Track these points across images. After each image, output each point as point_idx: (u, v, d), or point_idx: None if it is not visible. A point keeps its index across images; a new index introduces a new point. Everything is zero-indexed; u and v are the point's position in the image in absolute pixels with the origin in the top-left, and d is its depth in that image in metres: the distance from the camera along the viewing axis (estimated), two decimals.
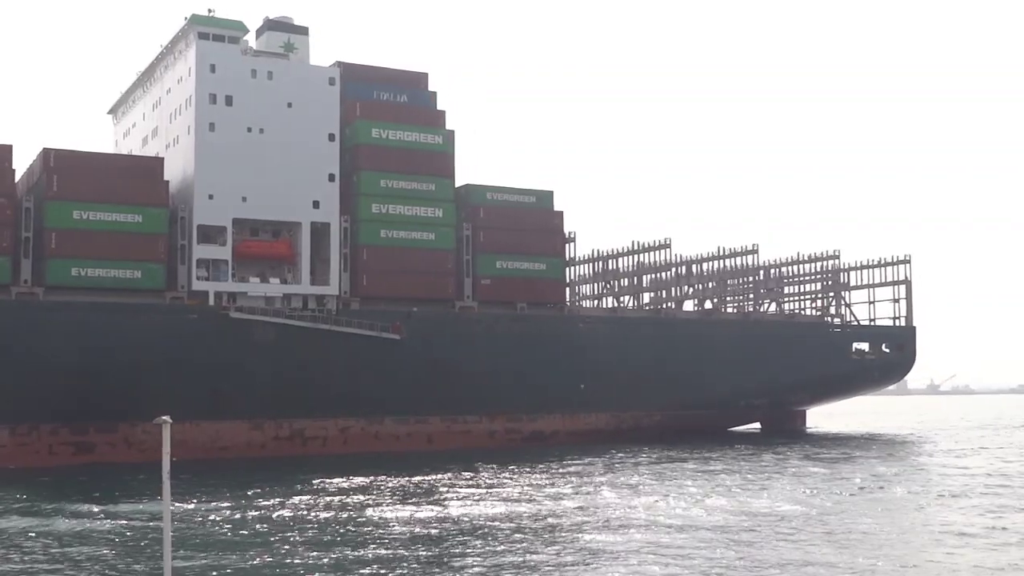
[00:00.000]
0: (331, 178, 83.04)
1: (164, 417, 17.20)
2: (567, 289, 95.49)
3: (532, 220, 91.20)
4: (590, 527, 40.85)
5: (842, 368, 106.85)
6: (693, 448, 79.83)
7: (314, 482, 57.02)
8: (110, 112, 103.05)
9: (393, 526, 41.53)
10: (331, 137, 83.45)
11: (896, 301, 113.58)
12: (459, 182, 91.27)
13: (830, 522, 41.59)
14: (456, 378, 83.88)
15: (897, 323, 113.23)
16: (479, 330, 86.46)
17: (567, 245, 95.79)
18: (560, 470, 64.75)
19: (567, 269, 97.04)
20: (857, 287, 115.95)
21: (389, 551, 35.79)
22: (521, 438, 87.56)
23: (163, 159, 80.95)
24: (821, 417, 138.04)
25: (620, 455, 74.98)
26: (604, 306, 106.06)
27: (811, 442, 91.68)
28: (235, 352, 76.07)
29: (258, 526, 41.86)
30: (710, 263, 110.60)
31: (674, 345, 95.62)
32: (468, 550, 35.96)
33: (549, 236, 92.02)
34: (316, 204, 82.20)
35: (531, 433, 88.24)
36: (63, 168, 74.62)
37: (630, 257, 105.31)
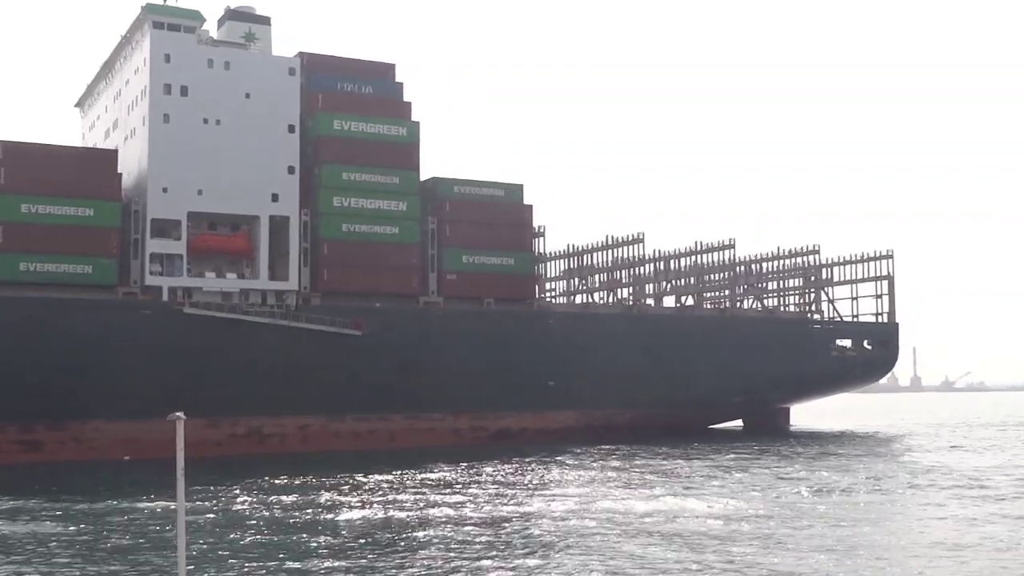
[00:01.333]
0: (291, 170, 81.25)
1: (178, 413, 17.08)
2: (536, 284, 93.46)
3: (500, 214, 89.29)
4: (536, 528, 39.55)
5: (823, 365, 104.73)
6: (661, 446, 78.02)
7: (263, 481, 55.31)
8: (77, 105, 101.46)
9: (343, 527, 40.18)
10: (291, 129, 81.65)
11: (879, 297, 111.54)
12: (429, 175, 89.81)
13: (743, 527, 39.74)
14: (420, 375, 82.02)
15: (880, 319, 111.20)
16: (444, 326, 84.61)
17: (537, 239, 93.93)
18: (519, 468, 63.12)
19: (538, 264, 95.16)
20: (840, 283, 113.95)
21: (337, 554, 34.52)
22: (487, 436, 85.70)
23: (116, 151, 79.35)
24: (813, 415, 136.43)
25: (581, 452, 73.31)
26: (578, 302, 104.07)
27: (789, 440, 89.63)
28: (189, 348, 74.33)
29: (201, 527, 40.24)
30: (687, 258, 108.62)
31: (647, 342, 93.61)
32: (414, 552, 34.85)
33: (518, 230, 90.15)
34: (275, 197, 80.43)
35: (498, 431, 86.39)
36: (12, 160, 72.89)
37: (604, 252, 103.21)
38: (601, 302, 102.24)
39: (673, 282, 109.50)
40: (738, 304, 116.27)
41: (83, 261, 73.15)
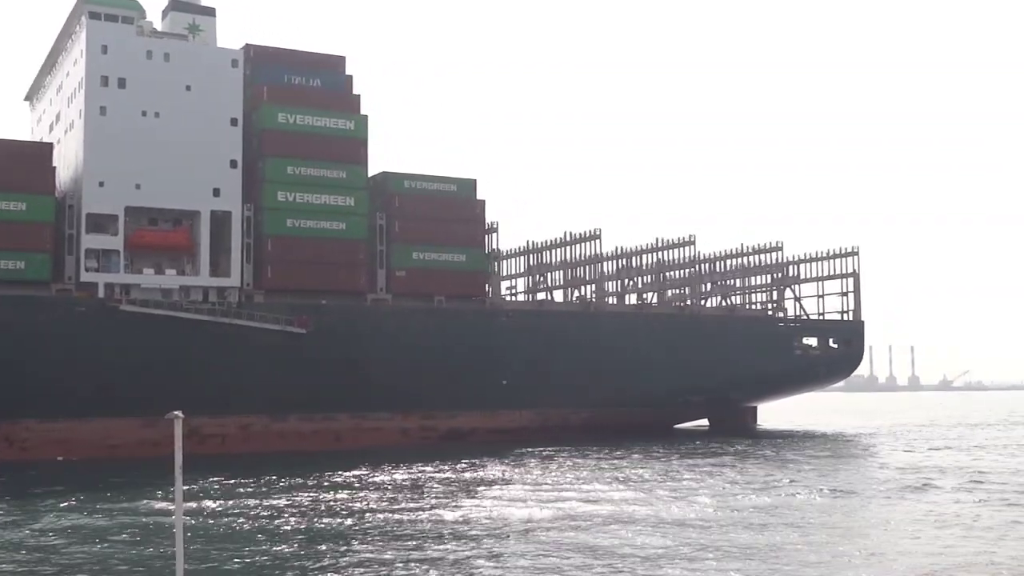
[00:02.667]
0: (233, 164, 79.41)
1: (176, 412, 16.96)
2: (489, 281, 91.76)
3: (452, 209, 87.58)
4: (473, 530, 38.27)
5: (786, 364, 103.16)
6: (613, 447, 76.32)
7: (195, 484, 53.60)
8: (27, 99, 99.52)
9: (275, 529, 38.85)
10: (233, 122, 79.81)
11: (844, 295, 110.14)
12: (380, 170, 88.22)
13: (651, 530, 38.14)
14: (367, 374, 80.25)
15: (846, 317, 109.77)
16: (392, 324, 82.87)
17: (491, 236, 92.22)
18: (460, 469, 61.45)
19: (492, 261, 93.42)
20: (806, 280, 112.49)
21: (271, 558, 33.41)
22: (437, 436, 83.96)
23: (51, 144, 77.64)
24: (796, 414, 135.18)
25: (524, 453, 71.66)
26: (538, 299, 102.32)
27: (747, 440, 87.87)
28: (125, 346, 72.54)
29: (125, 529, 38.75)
30: (648, 255, 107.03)
31: (604, 340, 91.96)
32: (347, 553, 33.82)
33: (470, 226, 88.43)
34: (216, 192, 78.61)
35: (448, 431, 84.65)
36: None
37: (562, 249, 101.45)
38: (554, 300, 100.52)
39: (635, 280, 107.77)
40: (702, 302, 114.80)
41: (15, 257, 71.28)
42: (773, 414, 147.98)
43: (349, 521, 40.83)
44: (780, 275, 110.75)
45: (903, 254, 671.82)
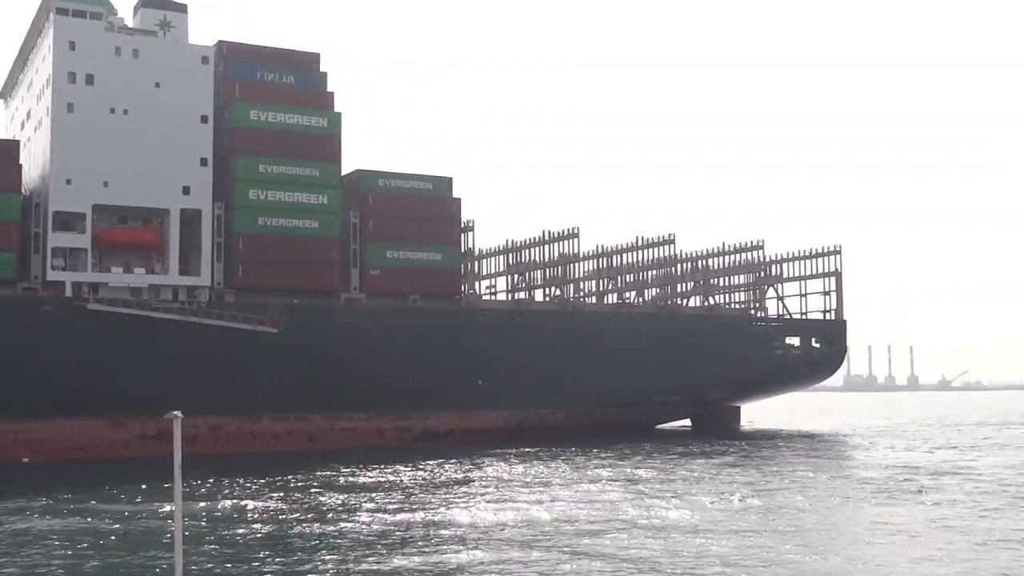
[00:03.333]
0: (203, 162, 78.49)
1: (175, 412, 17.12)
2: (465, 280, 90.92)
3: (427, 207, 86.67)
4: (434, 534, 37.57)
5: (766, 364, 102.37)
6: (589, 447, 75.56)
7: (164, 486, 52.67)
8: (0, 96, 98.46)
9: (248, 533, 38.26)
10: (204, 119, 78.87)
11: (827, 294, 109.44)
12: (357, 167, 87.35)
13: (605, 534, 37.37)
14: (341, 374, 79.32)
15: (828, 317, 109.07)
16: (367, 323, 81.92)
17: (467, 234, 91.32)
18: (436, 470, 60.63)
19: (468, 259, 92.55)
20: (789, 279, 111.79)
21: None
22: (412, 437, 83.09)
23: (17, 141, 76.74)
24: (782, 414, 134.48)
25: (498, 454, 70.89)
26: (519, 299, 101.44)
27: (726, 440, 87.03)
28: (93, 346, 71.56)
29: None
30: (628, 254, 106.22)
31: (582, 339, 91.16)
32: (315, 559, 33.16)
33: (445, 224, 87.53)
34: (186, 190, 77.66)
35: (423, 432, 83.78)
36: None
37: (542, 248, 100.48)
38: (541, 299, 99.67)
39: (615, 279, 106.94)
40: (684, 301, 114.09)
41: None
42: (759, 414, 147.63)
43: (317, 526, 40.00)
44: (762, 274, 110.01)
45: (902, 254, 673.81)
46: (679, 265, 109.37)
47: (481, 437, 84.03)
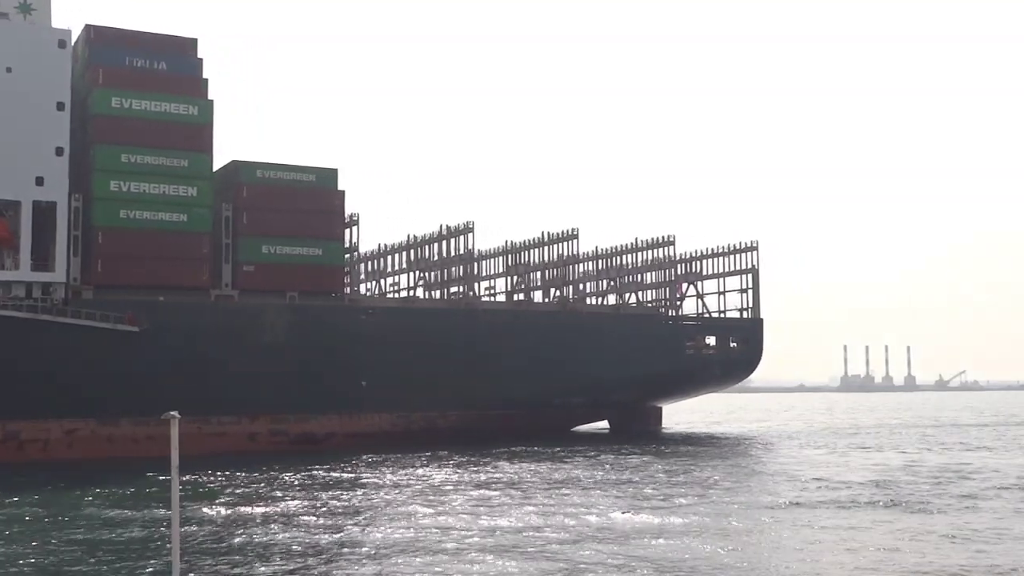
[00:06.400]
0: (59, 152, 74.17)
1: (172, 412, 17.24)
2: (348, 276, 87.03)
3: (307, 200, 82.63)
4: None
5: (676, 364, 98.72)
6: (475, 452, 71.97)
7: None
8: None
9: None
10: (60, 106, 74.55)
11: (744, 292, 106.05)
12: (235, 159, 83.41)
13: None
14: (210, 375, 75.34)
15: (745, 315, 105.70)
16: (239, 321, 77.98)
17: (351, 229, 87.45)
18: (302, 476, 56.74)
19: (352, 255, 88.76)
20: (708, 277, 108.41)
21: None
22: (288, 441, 79.11)
23: None
24: (716, 415, 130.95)
25: (367, 459, 67.14)
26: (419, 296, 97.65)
27: (628, 445, 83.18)
28: None
29: None
30: (534, 251, 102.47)
31: (475, 338, 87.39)
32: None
33: (327, 218, 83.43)
34: (40, 180, 73.34)
35: (300, 435, 79.83)
36: None
37: (438, 244, 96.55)
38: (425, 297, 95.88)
39: (524, 277, 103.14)
40: (601, 300, 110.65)
41: None
42: (698, 415, 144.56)
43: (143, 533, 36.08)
44: (674, 271, 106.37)
45: (903, 254, 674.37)
46: (592, 263, 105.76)
47: (365, 441, 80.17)
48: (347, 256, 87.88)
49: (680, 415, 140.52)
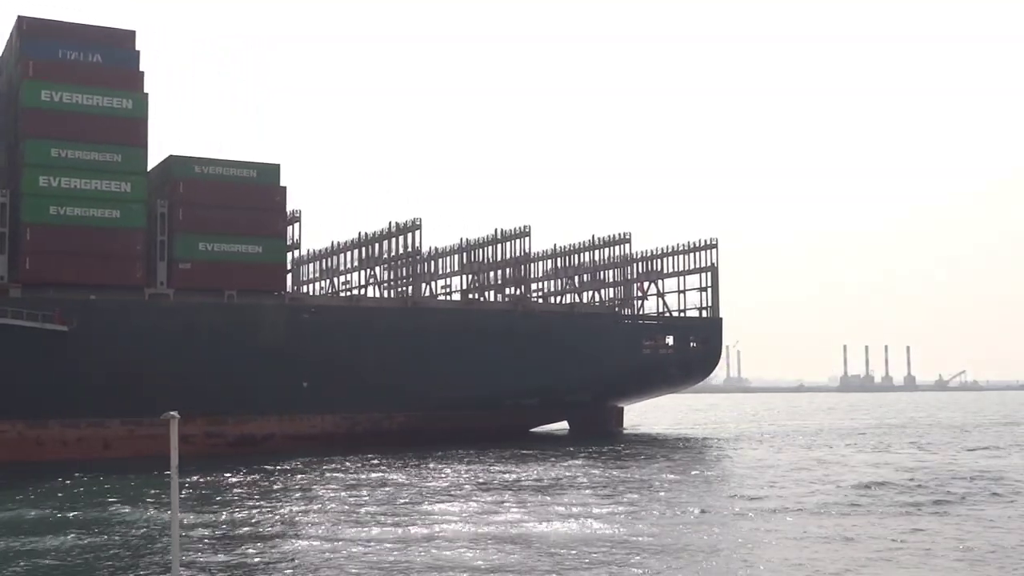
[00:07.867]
0: None
1: (172, 412, 16.81)
2: (290, 274, 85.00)
3: (247, 197, 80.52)
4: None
5: (631, 364, 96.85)
6: (420, 454, 70.07)
7: None
8: None
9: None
10: None
11: (703, 290, 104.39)
12: (173, 154, 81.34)
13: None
14: (143, 375, 73.24)
15: (704, 314, 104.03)
16: (173, 320, 75.94)
17: (293, 226, 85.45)
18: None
19: (293, 252, 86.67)
20: (668, 275, 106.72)
21: None
22: (226, 443, 77.06)
23: None
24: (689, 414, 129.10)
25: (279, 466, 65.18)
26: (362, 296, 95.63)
27: (583, 445, 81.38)
28: None
29: None
30: (487, 248, 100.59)
31: (424, 338, 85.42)
32: None
33: (268, 215, 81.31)
34: None
35: (238, 437, 77.80)
36: None
37: (388, 241, 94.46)
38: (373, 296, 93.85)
39: (478, 276, 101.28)
40: (559, 299, 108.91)
41: None
42: (667, 415, 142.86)
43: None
44: (632, 270, 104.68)
45: (902, 254, 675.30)
46: (548, 261, 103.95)
47: (307, 443, 78.23)
48: (290, 254, 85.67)
49: (653, 414, 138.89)
